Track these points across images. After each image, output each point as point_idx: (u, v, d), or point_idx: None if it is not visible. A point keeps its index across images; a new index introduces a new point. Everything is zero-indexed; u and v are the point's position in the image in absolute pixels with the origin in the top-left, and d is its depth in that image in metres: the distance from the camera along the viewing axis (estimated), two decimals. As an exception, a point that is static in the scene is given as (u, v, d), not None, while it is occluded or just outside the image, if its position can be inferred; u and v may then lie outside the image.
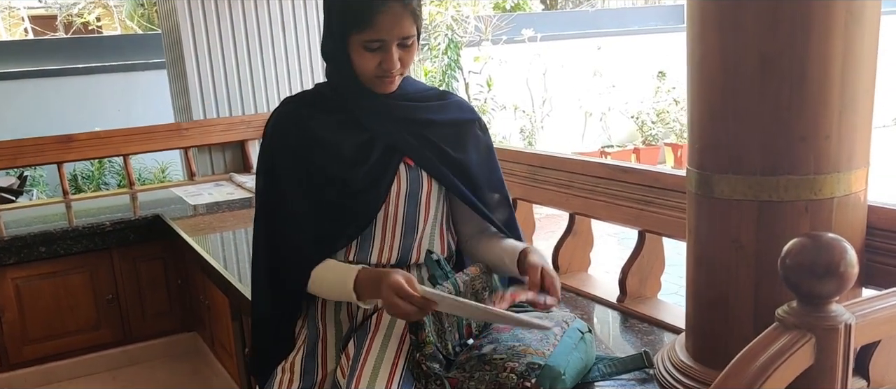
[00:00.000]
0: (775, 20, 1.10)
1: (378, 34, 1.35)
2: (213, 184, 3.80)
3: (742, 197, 1.18)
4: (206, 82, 3.95)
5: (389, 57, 1.37)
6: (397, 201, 1.46)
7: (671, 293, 4.34)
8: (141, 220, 3.17)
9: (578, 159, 1.96)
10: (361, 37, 1.36)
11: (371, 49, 1.37)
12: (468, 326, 1.43)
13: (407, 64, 1.42)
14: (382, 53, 1.38)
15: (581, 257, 2.01)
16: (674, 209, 1.64)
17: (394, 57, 1.38)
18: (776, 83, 1.12)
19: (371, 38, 1.36)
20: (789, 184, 1.14)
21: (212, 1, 3.89)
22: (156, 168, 6.58)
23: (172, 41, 4.02)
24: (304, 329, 1.50)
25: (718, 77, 1.17)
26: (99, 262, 3.15)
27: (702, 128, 1.22)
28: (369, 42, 1.36)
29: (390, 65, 1.38)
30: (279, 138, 1.48)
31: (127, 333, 3.25)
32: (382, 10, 1.34)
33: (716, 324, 1.26)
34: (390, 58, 1.37)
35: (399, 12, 1.34)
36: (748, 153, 1.16)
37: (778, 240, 1.18)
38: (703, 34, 1.19)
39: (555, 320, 1.38)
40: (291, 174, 1.46)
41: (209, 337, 3.11)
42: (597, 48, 9.19)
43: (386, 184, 1.45)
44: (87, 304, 3.16)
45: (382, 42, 1.36)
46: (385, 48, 1.37)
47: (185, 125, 3.92)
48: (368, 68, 1.39)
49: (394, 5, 1.34)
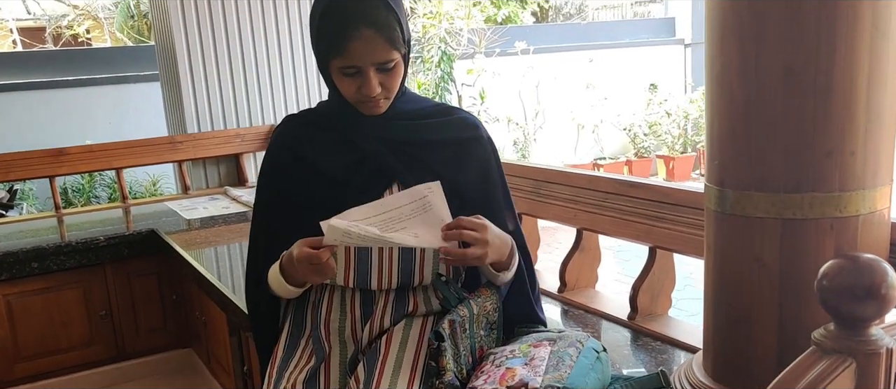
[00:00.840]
0: (800, 32, 1.07)
1: (351, 61, 1.34)
2: (208, 198, 3.76)
3: (765, 215, 1.15)
4: (201, 95, 3.91)
5: (367, 82, 1.36)
6: None
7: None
8: (135, 235, 3.12)
9: (585, 174, 1.93)
10: (337, 63, 1.35)
11: (348, 74, 1.36)
12: (480, 349, 1.39)
13: (391, 87, 1.40)
14: (360, 78, 1.36)
15: (588, 273, 1.98)
16: (685, 225, 1.62)
17: (372, 82, 1.35)
18: (801, 97, 1.09)
19: (346, 64, 1.35)
20: (814, 202, 1.12)
21: (207, 13, 3.86)
22: (147, 181, 6.53)
23: (167, 53, 3.98)
24: (310, 345, 1.46)
25: (740, 91, 1.15)
26: (92, 278, 3.09)
27: (722, 143, 1.20)
28: (345, 68, 1.35)
29: (369, 90, 1.36)
30: (271, 157, 1.53)
31: (121, 350, 3.19)
32: (354, 37, 1.31)
33: (737, 344, 1.23)
34: (369, 82, 1.35)
35: (372, 38, 1.31)
36: (772, 169, 1.14)
37: (802, 259, 1.16)
38: (723, 46, 1.17)
39: (569, 340, 1.35)
40: (270, 194, 1.52)
41: (205, 354, 3.05)
42: (589, 60, 9.22)
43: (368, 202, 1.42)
44: (80, 320, 3.10)
45: (357, 68, 1.35)
46: (362, 73, 1.35)
47: (180, 138, 3.87)
48: (349, 92, 1.39)
49: (366, 32, 1.31)
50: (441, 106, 1.53)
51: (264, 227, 1.51)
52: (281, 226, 1.46)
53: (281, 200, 1.49)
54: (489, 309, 1.43)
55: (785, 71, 1.09)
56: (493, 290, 1.45)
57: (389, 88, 1.38)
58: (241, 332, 2.45)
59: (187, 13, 3.80)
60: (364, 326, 1.42)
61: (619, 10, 15.07)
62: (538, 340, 1.36)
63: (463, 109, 1.55)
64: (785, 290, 1.17)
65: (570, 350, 1.31)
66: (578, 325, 1.79)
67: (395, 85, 1.39)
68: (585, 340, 1.36)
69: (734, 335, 1.24)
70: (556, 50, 9.14)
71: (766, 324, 1.20)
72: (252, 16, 3.96)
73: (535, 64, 8.36)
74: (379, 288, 1.42)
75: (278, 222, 1.47)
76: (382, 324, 1.42)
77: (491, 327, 1.44)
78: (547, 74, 8.53)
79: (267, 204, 1.53)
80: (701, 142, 9.22)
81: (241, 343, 2.48)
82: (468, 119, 1.52)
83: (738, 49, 1.13)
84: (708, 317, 1.30)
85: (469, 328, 1.37)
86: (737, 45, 1.14)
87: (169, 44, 3.89)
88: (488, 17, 9.86)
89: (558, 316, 1.88)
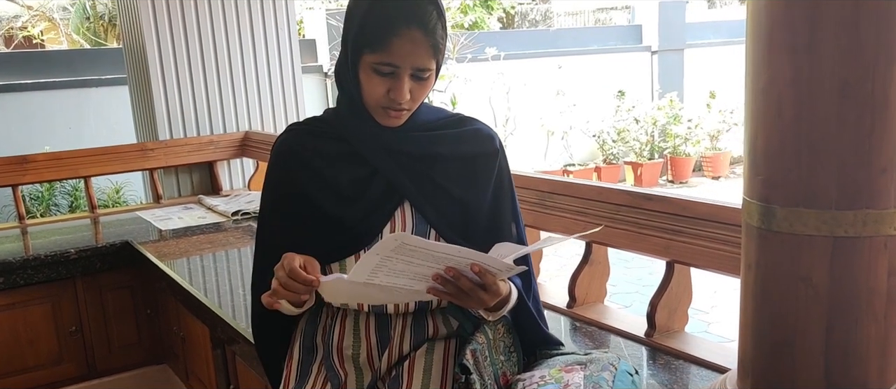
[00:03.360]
0: (858, 44, 1.03)
1: (391, 58, 1.24)
2: (182, 208, 3.62)
3: (815, 233, 1.10)
4: (173, 100, 3.78)
5: (400, 86, 1.26)
6: None
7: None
8: (108, 247, 2.98)
9: (594, 185, 1.88)
10: (373, 58, 1.25)
11: (381, 73, 1.26)
12: (504, 375, 1.32)
13: (418, 98, 1.31)
14: (393, 80, 1.26)
15: (598, 288, 1.93)
16: (707, 239, 1.57)
17: (404, 87, 1.26)
18: (856, 112, 1.05)
19: (383, 61, 1.24)
20: (868, 219, 1.07)
21: (179, 14, 3.72)
22: (109, 188, 6.31)
23: (136, 56, 3.83)
24: (322, 371, 1.37)
25: (790, 104, 1.10)
26: (62, 292, 2.95)
27: (768, 158, 1.14)
28: (380, 65, 1.25)
29: (399, 96, 1.27)
30: (275, 169, 1.43)
31: (92, 367, 3.04)
32: (401, 34, 1.22)
33: (781, 366, 1.18)
34: (400, 87, 1.26)
35: (419, 40, 1.23)
36: (823, 186, 1.09)
37: (854, 278, 1.11)
38: (770, 58, 1.12)
39: (601, 363, 1.28)
40: (277, 207, 1.42)
41: (183, 370, 2.93)
42: (558, 67, 9.25)
43: (378, 221, 1.34)
44: (49, 337, 2.95)
45: (395, 68, 1.25)
46: (397, 75, 1.26)
47: (151, 145, 3.73)
48: (376, 94, 1.28)
49: (415, 32, 1.23)
50: (455, 116, 1.45)
51: (273, 247, 1.38)
52: (289, 246, 1.36)
53: (290, 220, 1.39)
54: (502, 331, 1.36)
55: (841, 84, 1.05)
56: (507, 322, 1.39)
57: (416, 99, 1.30)
58: (225, 346, 2.35)
59: (159, 14, 3.66)
60: (382, 353, 1.34)
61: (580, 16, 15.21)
62: (567, 364, 1.30)
63: (479, 120, 1.47)
64: (834, 311, 1.12)
65: (604, 374, 1.24)
66: (592, 342, 1.74)
67: (422, 98, 1.31)
68: (617, 362, 1.30)
69: (777, 358, 1.19)
70: (526, 56, 9.16)
71: (812, 347, 1.15)
72: (226, 17, 3.84)
73: (505, 70, 8.35)
74: (396, 311, 1.34)
75: (287, 241, 1.36)
76: (401, 350, 1.34)
77: (509, 351, 1.38)
78: (517, 81, 8.53)
79: (277, 229, 1.41)
80: (668, 149, 9.31)
81: (226, 357, 2.37)
82: (483, 131, 1.44)
83: (790, 61, 1.08)
84: (747, 338, 1.24)
85: (490, 354, 1.31)
86: (788, 57, 1.08)
87: (139, 46, 3.74)
88: (456, 23, 9.82)
89: (567, 332, 1.82)
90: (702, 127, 9.35)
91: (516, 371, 1.36)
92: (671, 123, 9.20)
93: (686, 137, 9.21)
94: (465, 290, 1.17)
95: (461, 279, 1.16)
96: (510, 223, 1.44)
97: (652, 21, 10.20)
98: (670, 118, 9.23)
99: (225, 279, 2.53)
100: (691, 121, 9.27)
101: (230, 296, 2.34)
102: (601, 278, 1.93)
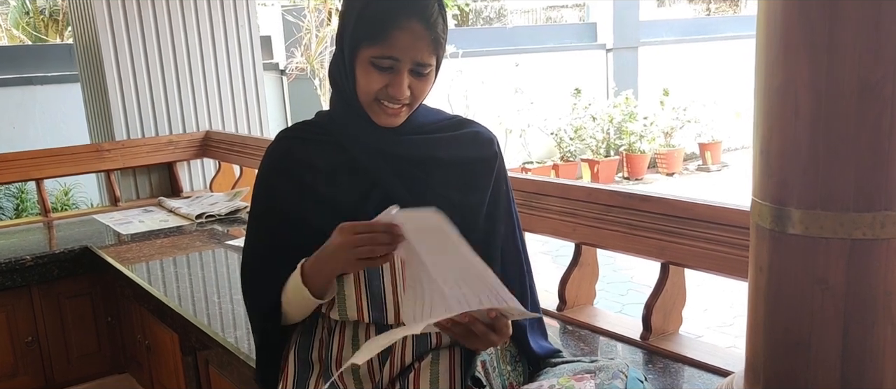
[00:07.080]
0: (878, 43, 1.01)
1: (391, 51, 1.18)
2: (142, 210, 3.49)
3: (832, 235, 1.09)
4: (130, 99, 3.64)
5: (398, 81, 1.20)
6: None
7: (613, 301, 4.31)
8: (66, 253, 2.85)
9: (583, 186, 1.85)
10: (372, 51, 1.19)
11: (380, 68, 1.20)
12: (511, 385, 1.29)
13: (418, 96, 1.25)
14: (392, 75, 1.20)
15: (587, 290, 1.90)
16: (704, 240, 1.55)
17: (403, 82, 1.20)
18: (876, 112, 1.03)
19: (383, 54, 1.19)
20: (886, 221, 1.06)
21: (135, 10, 3.59)
22: (58, 190, 6.07)
23: (89, 54, 3.68)
24: (321, 386, 1.31)
25: (807, 105, 1.08)
26: (16, 301, 2.80)
27: (783, 159, 1.13)
28: (380, 59, 1.19)
29: (397, 92, 1.21)
30: (264, 183, 1.36)
31: (49, 379, 2.90)
32: (402, 26, 1.17)
33: (796, 369, 1.17)
34: (400, 82, 1.20)
35: (420, 33, 1.18)
36: (841, 187, 1.07)
37: (871, 281, 1.10)
38: (785, 59, 1.10)
39: (610, 370, 1.25)
40: (266, 218, 1.35)
41: (147, 379, 2.81)
42: (515, 65, 9.26)
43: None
44: (4, 349, 2.80)
45: (394, 62, 1.19)
46: (396, 70, 1.20)
47: (107, 146, 3.59)
48: (373, 89, 1.22)
49: (416, 24, 1.17)
50: (455, 119, 1.40)
51: (271, 263, 1.31)
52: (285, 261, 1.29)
53: (283, 236, 1.31)
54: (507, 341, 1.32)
55: (861, 85, 1.03)
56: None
57: (416, 97, 1.24)
58: (196, 352, 2.25)
59: (113, 8, 3.52)
60: (383, 364, 1.28)
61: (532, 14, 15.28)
62: (575, 372, 1.26)
63: (478, 123, 1.42)
64: (850, 314, 1.11)
65: (615, 382, 1.21)
66: (586, 346, 1.71)
67: (422, 95, 1.25)
68: (627, 369, 1.27)
69: (791, 360, 1.17)
70: (483, 54, 9.14)
71: (828, 350, 1.14)
72: (184, 12, 3.71)
73: (463, 67, 8.32)
74: (397, 321, 1.29)
75: (283, 256, 1.29)
76: (404, 360, 1.28)
77: (515, 360, 1.34)
78: (474, 78, 8.51)
79: (274, 247, 1.33)
80: (623, 146, 9.41)
81: (197, 364, 2.28)
82: (482, 134, 1.38)
83: (808, 61, 1.07)
84: (757, 341, 1.23)
85: (497, 365, 1.27)
86: (806, 56, 1.07)
87: (93, 43, 3.59)
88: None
89: (557, 334, 1.79)
90: (656, 124, 9.48)
91: (522, 381, 1.32)
92: (627, 121, 9.31)
93: (641, 134, 9.32)
94: (477, 334, 1.13)
95: (476, 324, 1.12)
96: (502, 225, 1.40)
97: (606, 19, 10.29)
98: (626, 115, 9.33)
99: (196, 284, 2.43)
100: (647, 119, 9.38)
101: (205, 302, 2.25)
102: (591, 280, 1.91)
